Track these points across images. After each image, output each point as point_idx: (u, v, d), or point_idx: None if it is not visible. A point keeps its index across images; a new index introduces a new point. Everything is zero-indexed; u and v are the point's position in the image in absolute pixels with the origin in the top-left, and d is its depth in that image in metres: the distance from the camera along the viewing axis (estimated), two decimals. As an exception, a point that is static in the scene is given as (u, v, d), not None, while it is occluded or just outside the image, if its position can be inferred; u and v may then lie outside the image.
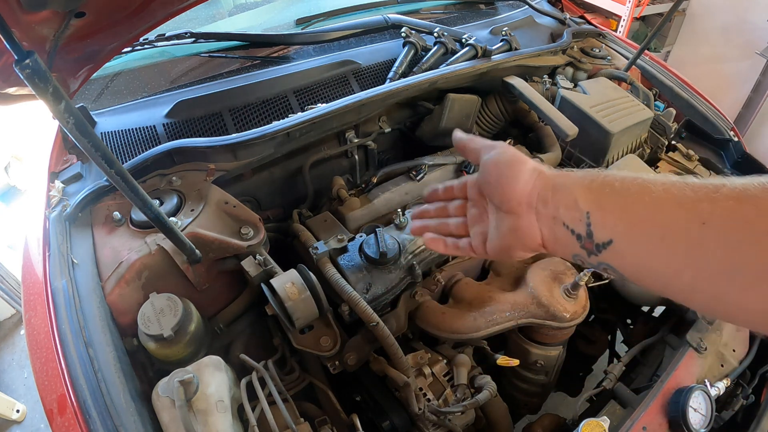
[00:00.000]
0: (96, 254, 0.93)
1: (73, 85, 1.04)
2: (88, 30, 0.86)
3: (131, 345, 0.88)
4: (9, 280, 2.46)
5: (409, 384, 0.93)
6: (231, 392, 0.82)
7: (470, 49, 1.47)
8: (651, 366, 1.15)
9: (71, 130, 0.61)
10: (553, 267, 1.13)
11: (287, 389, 0.95)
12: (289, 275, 0.93)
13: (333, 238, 1.05)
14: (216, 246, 0.96)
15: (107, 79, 1.37)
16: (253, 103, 1.30)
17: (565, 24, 1.91)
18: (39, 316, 0.86)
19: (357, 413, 0.93)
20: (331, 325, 0.98)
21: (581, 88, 1.51)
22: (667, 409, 0.94)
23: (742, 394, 1.06)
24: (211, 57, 1.47)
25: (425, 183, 1.31)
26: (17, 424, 2.15)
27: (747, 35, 3.31)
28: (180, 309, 0.85)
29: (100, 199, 1.03)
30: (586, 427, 0.88)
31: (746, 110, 3.49)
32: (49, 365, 0.79)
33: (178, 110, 1.24)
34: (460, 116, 1.41)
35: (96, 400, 0.72)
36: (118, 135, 1.20)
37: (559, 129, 1.30)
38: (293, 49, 1.54)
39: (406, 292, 1.10)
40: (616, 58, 1.82)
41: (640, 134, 1.51)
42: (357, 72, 1.46)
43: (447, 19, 1.85)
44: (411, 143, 1.53)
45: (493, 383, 1.01)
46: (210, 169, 1.10)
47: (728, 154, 1.58)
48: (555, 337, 1.11)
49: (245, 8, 1.94)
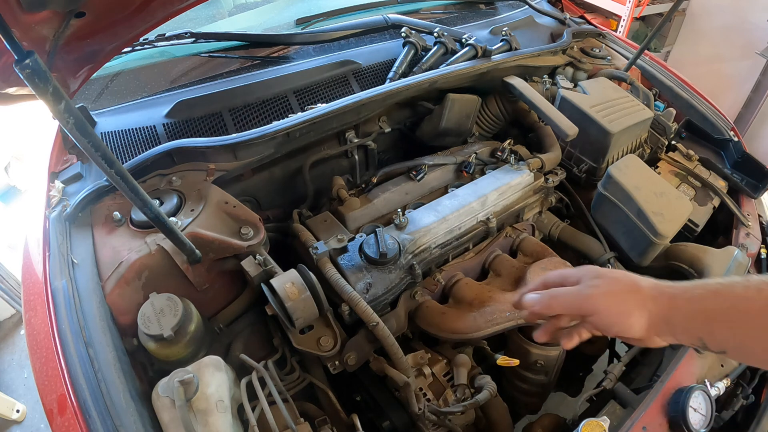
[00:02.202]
0: (96, 254, 0.93)
1: (73, 85, 1.04)
2: (88, 30, 0.86)
3: (131, 345, 0.88)
4: (9, 280, 2.46)
5: (409, 384, 0.93)
6: (231, 392, 0.82)
7: (470, 49, 1.47)
8: (651, 366, 1.15)
9: (71, 130, 0.61)
10: (552, 267, 1.13)
11: (287, 389, 0.95)
12: (289, 275, 0.93)
13: (333, 238, 1.05)
14: (216, 246, 0.96)
15: (107, 79, 1.37)
16: (253, 103, 1.30)
17: (565, 24, 1.91)
18: (39, 316, 0.86)
19: (357, 413, 0.93)
20: (331, 325, 0.98)
21: (581, 88, 1.51)
22: (667, 409, 0.94)
23: (742, 394, 1.06)
24: (211, 57, 1.47)
25: (425, 183, 1.31)
26: (17, 424, 2.15)
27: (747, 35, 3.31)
28: (180, 309, 0.85)
29: (100, 199, 1.03)
30: (586, 427, 0.88)
31: (746, 110, 3.50)
32: (49, 365, 0.79)
33: (178, 110, 1.24)
34: (460, 116, 1.41)
35: (96, 400, 0.72)
36: (118, 135, 1.20)
37: (559, 129, 1.30)
38: (293, 49, 1.54)
39: (406, 292, 1.10)
40: (616, 58, 1.82)
41: (640, 134, 1.51)
42: (357, 72, 1.46)
43: (447, 19, 1.85)
44: (411, 143, 1.53)
45: (493, 383, 1.01)
46: (210, 169, 1.10)
47: (728, 154, 1.58)
48: (555, 337, 1.11)
49: (245, 8, 1.94)
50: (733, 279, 0.54)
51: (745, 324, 0.52)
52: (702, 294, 0.56)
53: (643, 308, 0.58)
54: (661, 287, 0.59)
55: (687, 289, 0.57)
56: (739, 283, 0.53)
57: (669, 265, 1.26)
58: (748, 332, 0.53)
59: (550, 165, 1.37)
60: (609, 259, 1.30)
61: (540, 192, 1.37)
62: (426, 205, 1.19)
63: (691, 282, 0.57)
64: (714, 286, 0.55)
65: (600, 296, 0.59)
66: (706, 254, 1.21)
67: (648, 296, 0.58)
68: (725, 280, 0.55)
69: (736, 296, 0.53)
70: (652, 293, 0.58)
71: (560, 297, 0.63)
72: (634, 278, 0.61)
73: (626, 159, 1.33)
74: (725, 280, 0.55)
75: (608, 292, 0.59)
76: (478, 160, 1.37)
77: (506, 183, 1.26)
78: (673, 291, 0.58)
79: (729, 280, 0.55)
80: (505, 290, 1.14)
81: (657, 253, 1.25)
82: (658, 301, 0.58)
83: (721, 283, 0.55)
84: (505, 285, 1.17)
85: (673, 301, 0.57)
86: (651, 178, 1.29)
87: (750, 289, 0.52)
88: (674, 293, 0.57)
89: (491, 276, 1.22)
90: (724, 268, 1.18)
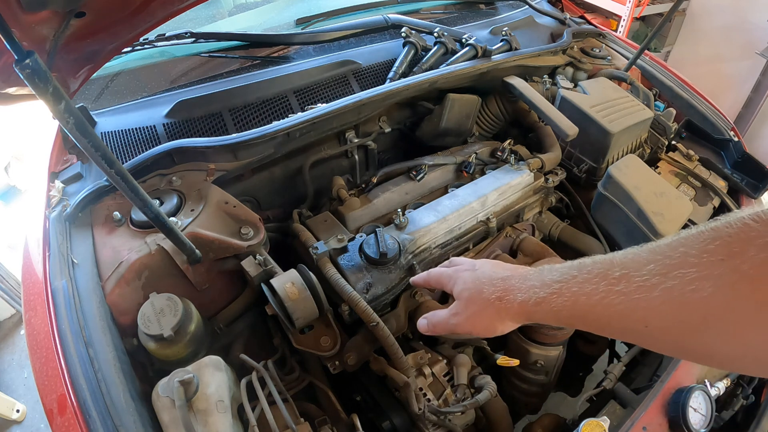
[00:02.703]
0: (96, 254, 0.93)
1: (73, 85, 1.03)
2: (88, 30, 0.86)
3: (131, 345, 0.88)
4: (9, 280, 2.46)
5: (409, 384, 0.93)
6: (231, 392, 0.82)
7: (470, 49, 1.47)
8: (651, 366, 1.15)
9: (71, 130, 0.61)
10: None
11: (287, 389, 0.95)
12: (289, 275, 0.93)
13: (333, 238, 1.05)
14: (216, 246, 0.96)
15: (107, 79, 1.37)
16: (253, 103, 1.30)
17: (565, 24, 1.91)
18: (39, 316, 0.86)
19: (357, 413, 0.93)
20: (331, 325, 0.98)
21: (581, 88, 1.51)
22: (667, 409, 0.94)
23: (742, 394, 1.06)
24: (211, 57, 1.47)
25: (425, 183, 1.31)
26: (17, 424, 2.15)
27: (747, 35, 3.32)
28: (180, 309, 0.85)
29: (100, 199, 1.03)
30: (586, 427, 0.88)
31: (746, 110, 3.50)
32: (49, 365, 0.79)
33: (178, 110, 1.24)
34: (460, 116, 1.41)
35: (96, 400, 0.72)
36: (118, 135, 1.20)
37: (559, 129, 1.30)
38: (293, 49, 1.54)
39: (406, 292, 1.10)
40: (616, 58, 1.82)
41: (640, 134, 1.51)
42: (357, 72, 1.46)
43: (447, 19, 1.85)
44: (411, 143, 1.53)
45: (493, 383, 1.01)
46: (210, 169, 1.10)
47: (728, 154, 1.58)
48: (555, 337, 1.11)
49: (245, 8, 1.94)
50: (583, 264, 0.54)
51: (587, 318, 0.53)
52: (546, 296, 0.57)
53: (504, 320, 0.66)
54: (511, 292, 0.63)
55: (536, 291, 0.59)
56: (584, 271, 0.53)
57: (669, 265, 1.26)
58: (591, 324, 0.53)
59: (550, 165, 1.37)
60: (609, 259, 1.30)
61: (540, 192, 1.37)
62: (426, 205, 1.19)
63: (547, 274, 0.59)
64: (557, 284, 0.56)
65: (465, 324, 0.70)
66: (706, 254, 1.21)
67: (504, 310, 0.64)
68: (575, 268, 0.55)
69: (573, 293, 0.53)
70: (507, 307, 0.64)
71: (438, 325, 0.76)
72: (491, 294, 0.66)
73: (626, 159, 1.33)
74: (575, 268, 0.55)
75: (471, 317, 0.69)
76: (478, 160, 1.37)
77: (506, 183, 1.26)
78: (524, 297, 0.61)
79: (577, 267, 0.54)
80: (505, 290, 1.14)
81: (657, 253, 1.25)
82: (515, 312, 0.63)
83: (564, 278, 0.55)
84: (505, 285, 1.17)
85: (523, 307, 0.61)
86: (651, 178, 1.29)
87: (589, 281, 0.51)
88: (524, 299, 0.61)
89: (491, 276, 1.22)
90: (724, 268, 1.18)
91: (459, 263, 0.79)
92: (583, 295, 0.51)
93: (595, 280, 0.50)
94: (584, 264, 0.54)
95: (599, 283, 0.50)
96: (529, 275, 0.62)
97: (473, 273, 0.72)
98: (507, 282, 0.65)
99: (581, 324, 0.54)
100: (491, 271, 0.70)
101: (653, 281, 0.44)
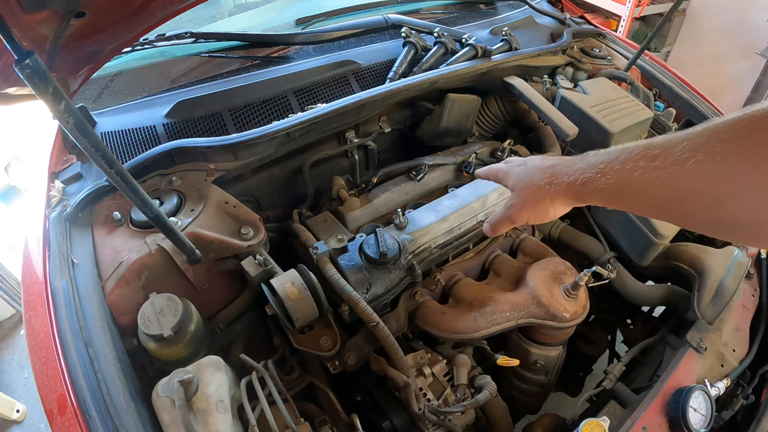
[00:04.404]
0: (96, 254, 0.93)
1: (73, 85, 1.04)
2: (88, 30, 0.86)
3: (131, 345, 0.88)
4: (9, 280, 2.46)
5: (409, 384, 0.93)
6: (231, 392, 0.82)
7: (470, 49, 1.47)
8: (651, 366, 1.15)
9: (71, 130, 0.61)
10: (552, 267, 1.13)
11: (287, 389, 0.95)
12: (289, 275, 0.93)
13: (333, 238, 1.05)
14: (216, 246, 0.96)
15: (107, 79, 1.37)
16: (253, 103, 1.30)
17: (565, 24, 1.91)
18: (39, 316, 0.86)
19: (357, 413, 0.93)
20: (331, 325, 0.98)
21: (581, 88, 1.51)
22: (667, 409, 0.94)
23: (742, 394, 1.06)
24: (211, 57, 1.47)
25: (425, 183, 1.31)
26: (17, 424, 2.15)
27: (747, 35, 3.32)
28: (180, 309, 0.85)
29: (100, 199, 1.03)
30: (586, 427, 0.88)
31: (746, 110, 3.49)
32: (49, 365, 0.79)
33: (178, 110, 1.24)
34: (460, 116, 1.41)
35: (96, 400, 0.72)
36: (118, 135, 1.20)
37: (559, 129, 1.30)
38: (293, 49, 1.54)
39: (406, 292, 1.10)
40: (616, 58, 1.82)
41: (640, 134, 1.51)
42: (357, 72, 1.46)
43: (447, 19, 1.85)
44: (411, 143, 1.53)
45: (493, 383, 1.01)
46: (210, 169, 1.10)
47: (728, 154, 1.58)
48: (555, 337, 1.11)
49: (245, 8, 1.94)
50: (626, 146, 0.57)
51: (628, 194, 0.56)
52: (592, 176, 0.60)
53: (555, 202, 0.69)
54: (559, 176, 0.67)
55: (582, 172, 0.62)
56: (626, 152, 0.56)
57: (669, 265, 1.26)
58: (632, 200, 0.56)
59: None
60: (609, 259, 1.30)
61: (540, 192, 1.37)
62: (426, 205, 1.19)
63: (592, 157, 0.61)
64: (602, 164, 0.59)
65: (521, 211, 0.74)
66: (706, 254, 1.21)
67: (554, 193, 0.68)
68: (618, 150, 0.58)
69: (615, 171, 0.56)
70: (556, 190, 0.67)
71: (498, 222, 0.80)
72: (541, 180, 0.70)
73: (626, 159, 1.33)
74: (618, 150, 0.58)
75: (525, 205, 0.73)
76: (478, 160, 1.37)
77: (506, 183, 1.26)
78: (571, 179, 0.64)
79: (620, 149, 0.57)
80: (505, 290, 1.14)
81: (657, 253, 1.25)
82: (564, 193, 0.67)
83: (607, 159, 0.58)
84: (505, 285, 1.17)
85: (571, 188, 0.64)
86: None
87: (631, 159, 0.54)
88: (571, 181, 0.64)
89: (491, 276, 1.22)
90: (724, 268, 1.18)
91: (512, 161, 0.83)
92: (624, 172, 0.55)
93: (636, 158, 0.53)
94: (627, 146, 0.57)
95: (639, 161, 0.53)
96: (575, 161, 0.66)
97: (524, 166, 0.76)
98: (555, 168, 0.69)
99: (624, 202, 0.58)
100: (540, 162, 0.74)
101: (685, 155, 0.47)
